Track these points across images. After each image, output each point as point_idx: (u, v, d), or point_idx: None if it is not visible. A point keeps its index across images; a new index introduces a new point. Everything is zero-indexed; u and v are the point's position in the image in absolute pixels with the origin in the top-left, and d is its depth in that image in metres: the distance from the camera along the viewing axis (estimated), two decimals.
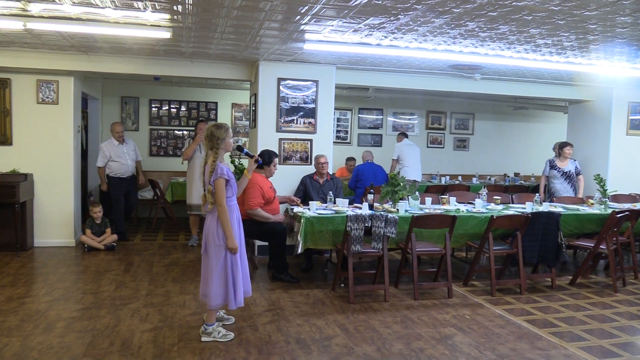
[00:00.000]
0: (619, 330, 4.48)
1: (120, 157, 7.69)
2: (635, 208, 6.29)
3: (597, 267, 6.74)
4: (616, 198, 7.22)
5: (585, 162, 8.61)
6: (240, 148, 4.45)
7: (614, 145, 8.54)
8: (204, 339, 3.97)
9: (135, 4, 4.39)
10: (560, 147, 7.78)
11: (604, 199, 6.61)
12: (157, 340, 3.98)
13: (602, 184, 6.73)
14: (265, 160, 5.78)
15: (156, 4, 4.38)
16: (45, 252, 6.84)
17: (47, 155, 7.09)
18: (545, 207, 6.20)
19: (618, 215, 5.68)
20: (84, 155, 9.10)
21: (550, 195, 7.63)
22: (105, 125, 9.74)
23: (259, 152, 5.96)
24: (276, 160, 5.93)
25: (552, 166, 7.69)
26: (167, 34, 5.30)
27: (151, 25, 5.11)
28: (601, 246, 5.81)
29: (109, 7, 4.49)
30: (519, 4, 4.08)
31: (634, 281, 6.13)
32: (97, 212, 7.18)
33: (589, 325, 4.56)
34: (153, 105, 10.03)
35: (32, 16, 4.86)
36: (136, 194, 8.45)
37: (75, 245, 7.28)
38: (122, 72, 7.00)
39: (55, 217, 7.19)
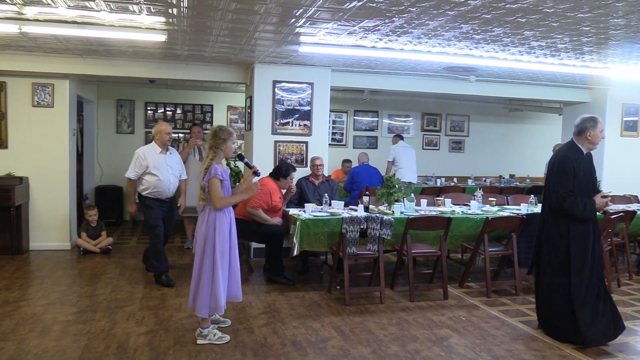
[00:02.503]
0: None
1: (160, 170, 5.55)
2: (629, 209, 6.32)
3: None
4: (613, 200, 7.23)
5: None
6: (241, 157, 4.44)
7: (608, 147, 8.58)
8: (199, 341, 3.97)
9: (130, 7, 4.40)
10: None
11: None
12: (152, 344, 3.97)
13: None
14: (282, 172, 5.84)
15: (151, 7, 4.39)
16: (40, 256, 6.82)
17: (43, 159, 7.08)
18: (540, 208, 6.21)
19: (612, 217, 5.70)
20: (80, 158, 9.09)
21: None
22: (101, 128, 9.73)
23: (277, 162, 5.97)
24: (293, 174, 5.95)
25: None
26: (162, 37, 5.30)
27: (146, 28, 5.12)
28: None
29: (104, 10, 4.49)
30: (513, 6, 4.10)
31: (629, 282, 6.16)
32: (93, 215, 7.17)
33: None
34: (148, 108, 10.02)
35: (28, 19, 4.86)
36: (173, 221, 5.95)
37: (70, 248, 7.26)
38: (118, 75, 7.00)
39: (50, 220, 7.17)
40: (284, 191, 6.03)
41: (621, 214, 5.86)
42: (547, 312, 4.33)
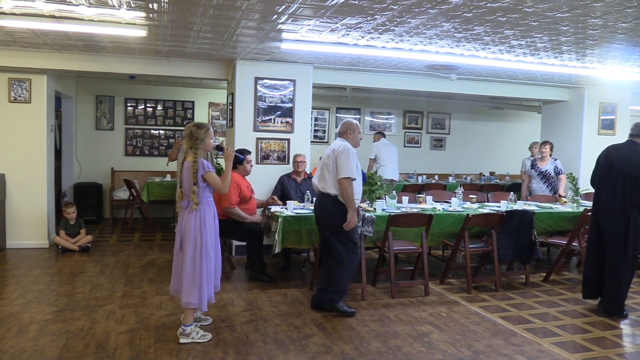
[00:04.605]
0: (591, 325, 4.58)
1: (359, 173, 4.76)
2: None
3: (570, 264, 6.89)
4: (588, 196, 7.35)
5: None
6: (219, 148, 4.43)
7: (585, 145, 8.69)
8: (182, 340, 3.93)
9: (109, 1, 4.33)
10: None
11: (577, 197, 6.74)
12: (133, 342, 3.94)
13: (574, 182, 6.86)
14: (240, 160, 5.77)
15: (131, 1, 4.33)
16: (18, 254, 6.71)
17: (20, 155, 6.95)
18: (520, 205, 6.30)
19: (590, 213, 5.79)
20: (58, 155, 8.95)
21: (530, 194, 7.70)
22: (80, 125, 9.59)
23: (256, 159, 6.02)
24: (249, 156, 5.92)
25: (532, 165, 7.75)
26: (142, 32, 5.24)
27: (126, 23, 5.05)
28: (573, 243, 5.94)
29: (83, 4, 4.42)
30: (493, 5, 4.14)
31: None
32: (71, 212, 7.06)
33: (562, 321, 4.65)
34: (129, 104, 9.91)
35: (4, 13, 4.76)
36: None
37: (49, 246, 7.15)
38: (97, 70, 6.88)
39: (28, 217, 7.05)
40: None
41: None
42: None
